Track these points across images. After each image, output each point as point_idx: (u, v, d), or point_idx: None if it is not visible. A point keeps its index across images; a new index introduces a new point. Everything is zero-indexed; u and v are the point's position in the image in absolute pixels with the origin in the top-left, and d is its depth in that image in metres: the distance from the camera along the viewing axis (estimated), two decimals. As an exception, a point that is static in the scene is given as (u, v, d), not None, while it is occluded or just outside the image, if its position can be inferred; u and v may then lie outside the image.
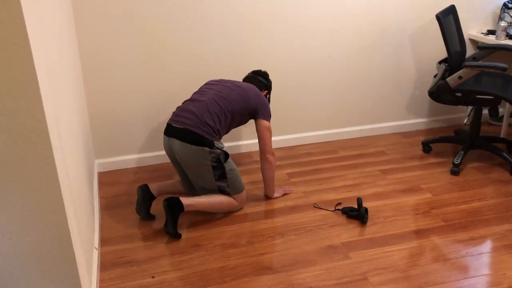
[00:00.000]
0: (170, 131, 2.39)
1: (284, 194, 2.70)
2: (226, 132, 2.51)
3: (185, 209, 2.32)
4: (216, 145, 2.35)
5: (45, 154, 1.14)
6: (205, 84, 2.61)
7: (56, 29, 1.78)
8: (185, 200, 2.32)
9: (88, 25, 2.71)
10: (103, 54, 2.80)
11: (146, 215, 2.47)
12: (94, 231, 2.24)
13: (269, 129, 2.52)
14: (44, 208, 1.23)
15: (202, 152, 2.31)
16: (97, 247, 2.14)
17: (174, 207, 2.29)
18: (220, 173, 2.38)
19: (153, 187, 2.49)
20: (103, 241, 2.32)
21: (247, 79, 2.73)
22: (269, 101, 2.75)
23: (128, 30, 2.78)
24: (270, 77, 2.83)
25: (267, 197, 2.67)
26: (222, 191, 2.43)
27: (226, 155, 2.39)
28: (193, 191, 2.54)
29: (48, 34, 1.52)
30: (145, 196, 2.44)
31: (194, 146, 2.30)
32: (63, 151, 1.39)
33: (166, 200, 2.29)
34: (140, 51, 2.85)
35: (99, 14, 2.70)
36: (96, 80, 2.84)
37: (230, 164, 2.43)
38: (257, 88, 2.58)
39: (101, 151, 3.02)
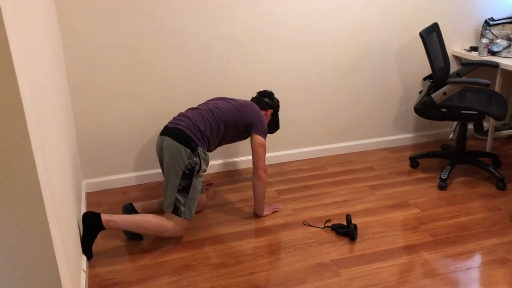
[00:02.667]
0: (164, 130, 2.42)
1: (274, 212, 2.70)
2: (219, 144, 2.52)
3: (106, 226, 2.24)
4: (199, 152, 2.34)
5: (30, 179, 1.13)
6: (208, 100, 2.67)
7: (43, 52, 1.78)
8: (106, 216, 2.25)
9: (75, 47, 2.72)
10: (90, 75, 2.80)
11: (132, 235, 2.44)
12: (82, 253, 2.21)
13: (263, 145, 2.52)
14: (29, 233, 1.21)
15: (183, 151, 2.30)
16: (84, 269, 2.11)
17: (91, 222, 2.22)
18: (185, 185, 2.33)
19: (138, 205, 2.48)
20: (91, 263, 2.29)
21: (252, 99, 2.75)
22: (277, 120, 2.79)
23: (115, 52, 2.79)
24: (253, 93, 2.85)
25: (257, 215, 2.66)
26: (176, 208, 2.34)
27: (201, 170, 2.37)
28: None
29: (34, 58, 1.52)
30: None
31: (178, 143, 2.31)
32: (48, 174, 1.39)
33: (84, 214, 2.23)
34: (128, 73, 2.86)
35: (87, 36, 2.71)
36: (83, 101, 2.84)
37: (198, 182, 2.39)
38: (256, 106, 2.60)
39: (89, 172, 3.00)
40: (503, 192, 2.86)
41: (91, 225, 2.22)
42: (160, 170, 3.06)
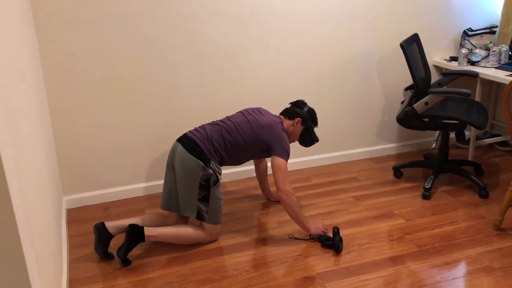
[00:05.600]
0: (181, 137, 2.47)
1: (324, 233, 2.53)
2: (235, 162, 2.54)
3: (146, 240, 2.35)
4: (212, 165, 2.38)
5: (2, 202, 1.09)
6: (238, 112, 2.64)
7: (17, 68, 1.74)
8: (148, 231, 2.35)
9: (55, 63, 2.67)
10: (70, 91, 2.75)
11: (103, 254, 2.38)
12: (62, 271, 2.15)
13: (280, 168, 2.41)
14: (1, 257, 1.17)
15: (197, 165, 2.35)
16: (64, 289, 2.05)
17: (135, 235, 2.32)
18: (204, 195, 2.39)
19: (111, 225, 2.39)
20: (72, 282, 2.23)
21: (283, 110, 2.69)
22: (308, 131, 2.66)
23: (94, 67, 2.75)
24: (237, 106, 2.86)
25: (241, 230, 2.62)
26: (199, 214, 2.41)
27: (217, 180, 2.41)
28: (159, 224, 2.52)
29: (8, 76, 1.49)
30: (102, 235, 2.36)
31: (192, 156, 2.36)
32: (23, 196, 1.34)
33: (130, 226, 2.32)
34: (109, 88, 2.82)
35: (66, 48, 2.67)
36: (63, 117, 2.79)
37: (217, 191, 2.43)
38: (277, 126, 2.52)
39: (70, 188, 2.93)
40: (485, 200, 2.88)
41: (133, 238, 2.31)
42: (139, 185, 3.02)
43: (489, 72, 3.09)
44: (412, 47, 2.92)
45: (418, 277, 2.20)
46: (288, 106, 2.73)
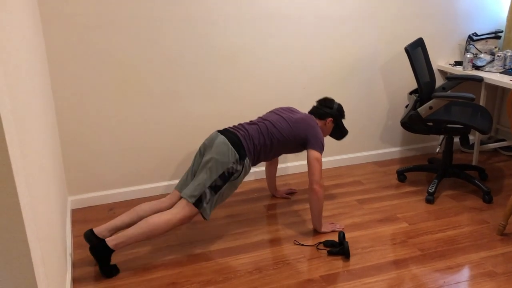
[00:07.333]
0: (223, 130, 2.50)
1: (333, 231, 2.62)
2: (273, 156, 2.58)
3: (115, 248, 2.24)
4: (245, 162, 2.41)
5: (10, 200, 1.11)
6: (269, 112, 2.69)
7: (24, 65, 1.76)
8: (112, 241, 2.24)
9: (62, 64, 2.70)
10: (76, 92, 2.78)
11: (108, 273, 2.32)
12: (66, 271, 2.17)
13: (318, 160, 2.48)
14: (9, 255, 1.18)
15: (232, 154, 2.37)
16: (69, 289, 2.07)
17: (100, 253, 2.25)
18: (218, 185, 2.36)
19: (102, 229, 2.34)
20: (76, 281, 2.24)
21: (311, 109, 2.76)
22: (339, 126, 2.75)
23: (103, 69, 2.78)
24: (241, 108, 2.89)
25: (245, 232, 2.64)
26: (199, 200, 2.32)
27: (239, 179, 2.41)
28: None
29: (16, 76, 1.51)
30: (92, 246, 2.29)
31: (230, 145, 2.38)
32: (30, 195, 1.36)
33: (90, 248, 2.26)
34: (114, 89, 2.84)
35: (74, 52, 2.70)
36: (69, 117, 2.81)
37: (231, 189, 2.42)
38: (312, 120, 2.59)
39: (75, 188, 2.95)
40: (489, 205, 2.88)
41: (101, 254, 2.24)
42: (142, 185, 3.04)
43: (494, 77, 3.09)
44: (416, 52, 2.93)
45: (420, 281, 2.20)
46: (316, 104, 2.76)
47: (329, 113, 2.70)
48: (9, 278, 1.20)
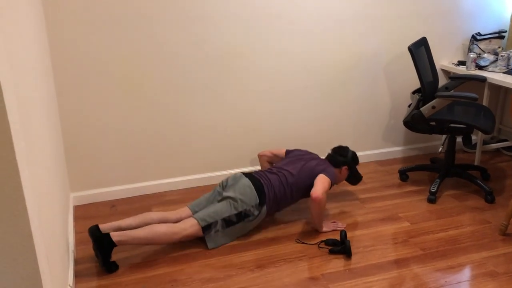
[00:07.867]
0: (247, 173, 2.60)
1: (335, 230, 2.63)
2: (293, 202, 2.66)
3: (118, 245, 2.27)
4: (262, 209, 2.51)
5: (15, 194, 1.11)
6: (286, 157, 2.81)
7: (30, 62, 1.77)
8: (116, 236, 2.26)
9: (65, 61, 2.70)
10: (79, 89, 2.78)
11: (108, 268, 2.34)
12: (68, 267, 2.18)
13: (326, 179, 2.55)
14: (14, 250, 1.19)
15: (254, 198, 2.48)
16: (71, 284, 2.07)
17: (103, 244, 2.26)
18: (232, 220, 2.46)
19: (107, 227, 2.36)
20: (78, 277, 2.25)
21: (327, 156, 2.81)
22: (353, 173, 2.81)
23: (105, 67, 2.78)
24: (243, 106, 2.93)
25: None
26: (208, 226, 2.41)
27: (252, 223, 2.51)
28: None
29: (21, 73, 1.51)
30: (96, 239, 2.30)
31: (254, 190, 2.49)
32: (34, 189, 1.36)
33: (94, 241, 2.27)
34: (117, 87, 2.84)
35: (77, 50, 2.70)
36: (72, 114, 2.82)
37: (242, 230, 2.52)
38: (328, 165, 2.69)
39: (77, 184, 2.96)
40: (491, 205, 2.88)
41: (104, 248, 2.26)
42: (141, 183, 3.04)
43: (497, 77, 3.08)
44: (420, 51, 2.93)
45: (422, 280, 2.20)
46: (330, 152, 2.83)
47: (344, 161, 2.76)
48: (14, 273, 1.20)
